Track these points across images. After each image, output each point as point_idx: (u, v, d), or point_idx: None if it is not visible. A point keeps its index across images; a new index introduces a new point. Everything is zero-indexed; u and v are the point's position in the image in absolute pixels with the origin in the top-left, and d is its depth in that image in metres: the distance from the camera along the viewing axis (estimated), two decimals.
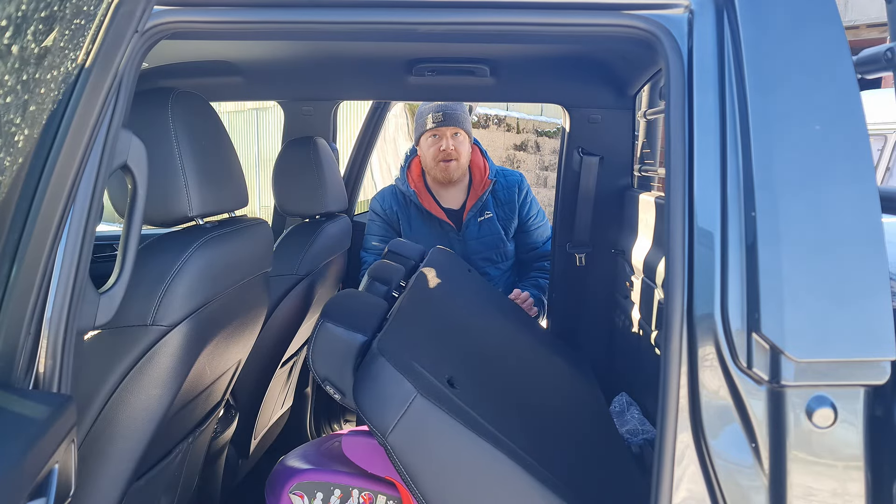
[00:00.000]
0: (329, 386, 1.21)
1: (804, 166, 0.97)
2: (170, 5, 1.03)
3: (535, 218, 2.65)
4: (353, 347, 1.23)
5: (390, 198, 2.64)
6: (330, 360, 1.22)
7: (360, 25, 1.08)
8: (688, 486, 0.98)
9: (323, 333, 1.24)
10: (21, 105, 0.71)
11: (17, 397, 0.85)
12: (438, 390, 1.17)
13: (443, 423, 1.11)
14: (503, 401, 1.38)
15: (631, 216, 2.06)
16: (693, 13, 1.04)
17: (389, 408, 1.11)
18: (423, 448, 1.12)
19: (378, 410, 1.12)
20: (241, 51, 2.01)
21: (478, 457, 1.12)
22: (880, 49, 1.07)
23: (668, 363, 0.98)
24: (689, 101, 1.03)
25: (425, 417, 1.11)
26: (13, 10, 0.63)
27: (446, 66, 2.14)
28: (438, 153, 2.51)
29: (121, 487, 1.18)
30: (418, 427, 1.11)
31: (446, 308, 1.69)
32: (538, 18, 1.05)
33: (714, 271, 0.98)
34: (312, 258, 2.03)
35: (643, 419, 1.80)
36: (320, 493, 1.34)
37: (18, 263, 0.83)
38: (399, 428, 1.10)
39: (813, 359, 0.94)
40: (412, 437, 1.11)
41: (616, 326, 2.21)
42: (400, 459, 1.11)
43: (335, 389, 1.20)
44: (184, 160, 1.25)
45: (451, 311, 1.70)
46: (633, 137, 2.31)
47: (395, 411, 1.11)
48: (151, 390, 1.18)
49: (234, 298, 1.41)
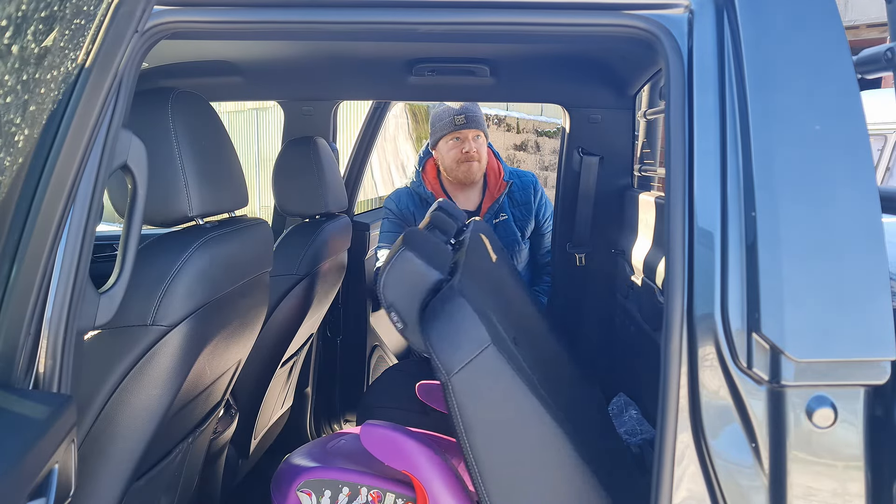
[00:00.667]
0: (394, 313, 1.20)
1: (804, 166, 0.97)
2: (170, 5, 1.03)
3: (550, 220, 2.66)
4: (427, 282, 1.22)
5: (406, 198, 2.63)
6: (402, 288, 1.21)
7: (361, 25, 1.08)
8: (688, 485, 0.98)
9: (401, 261, 1.22)
10: (21, 105, 0.71)
11: (17, 397, 0.85)
12: (507, 345, 1.18)
13: (507, 378, 1.12)
14: (547, 374, 1.39)
15: (631, 216, 2.06)
16: (693, 13, 1.04)
17: (461, 348, 1.11)
18: (483, 397, 1.12)
19: (448, 349, 1.11)
20: (242, 51, 2.01)
21: (530, 419, 1.12)
22: (880, 49, 1.07)
23: (669, 363, 0.98)
24: (689, 101, 1.03)
25: (493, 368, 1.11)
26: (13, 10, 0.63)
27: (446, 66, 2.14)
28: (461, 155, 2.51)
29: (121, 487, 1.18)
30: (484, 375, 1.11)
31: (496, 276, 1.70)
32: (538, 18, 1.06)
33: (714, 271, 0.98)
34: (312, 258, 2.03)
35: (641, 419, 1.80)
36: (328, 490, 1.33)
37: (18, 263, 0.83)
38: (466, 370, 1.10)
39: (813, 359, 0.94)
40: (475, 384, 1.11)
41: (616, 326, 2.21)
42: (457, 401, 1.10)
43: (399, 318, 1.19)
44: (184, 160, 1.25)
45: (500, 280, 1.71)
46: (633, 137, 2.31)
47: (466, 353, 1.10)
48: (151, 390, 1.18)
49: (235, 298, 1.41)
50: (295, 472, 1.37)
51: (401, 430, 1.28)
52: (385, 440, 1.27)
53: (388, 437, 1.27)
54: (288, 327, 2.01)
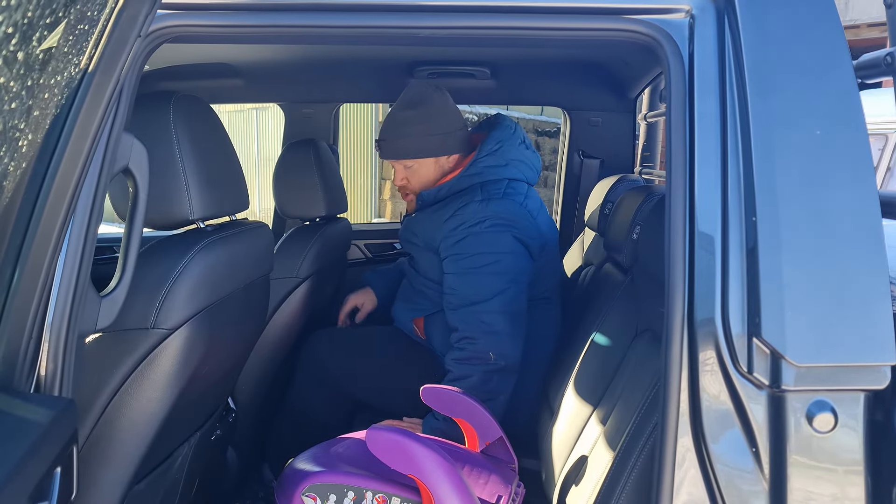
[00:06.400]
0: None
1: (805, 170, 0.97)
2: (172, 9, 1.03)
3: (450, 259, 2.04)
4: None
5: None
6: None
7: (362, 30, 1.08)
8: (688, 490, 0.98)
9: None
10: (25, 110, 0.71)
11: (18, 401, 0.85)
12: None
13: None
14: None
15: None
16: (694, 18, 1.04)
17: None
18: None
19: None
20: (243, 53, 2.02)
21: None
22: (880, 54, 1.07)
23: (669, 367, 0.99)
24: (689, 105, 1.03)
25: None
26: (20, 17, 0.63)
27: (447, 68, 2.14)
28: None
29: (121, 490, 1.19)
30: None
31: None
32: (540, 23, 1.06)
33: (715, 275, 0.98)
34: (313, 261, 2.03)
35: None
36: (333, 494, 1.33)
37: (21, 267, 0.83)
38: None
39: (813, 363, 0.94)
40: None
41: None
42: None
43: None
44: (185, 163, 1.25)
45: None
46: (633, 140, 2.31)
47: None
48: (152, 393, 1.19)
49: (236, 301, 1.41)
50: (300, 477, 1.37)
51: (406, 434, 1.28)
52: (390, 444, 1.27)
53: (393, 440, 1.27)
54: (288, 329, 2.01)
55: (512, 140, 1.96)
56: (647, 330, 1.38)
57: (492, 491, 1.44)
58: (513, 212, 1.84)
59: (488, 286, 1.75)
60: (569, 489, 1.37)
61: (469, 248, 1.78)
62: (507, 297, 1.76)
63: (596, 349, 1.58)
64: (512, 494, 1.46)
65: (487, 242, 1.78)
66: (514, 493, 1.48)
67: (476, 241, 1.78)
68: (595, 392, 1.46)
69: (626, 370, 1.39)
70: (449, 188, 1.91)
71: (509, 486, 1.47)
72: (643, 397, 1.19)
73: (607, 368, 1.46)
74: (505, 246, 1.79)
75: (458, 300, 1.78)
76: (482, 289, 1.75)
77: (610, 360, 1.47)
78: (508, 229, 1.80)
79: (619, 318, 1.57)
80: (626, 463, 1.15)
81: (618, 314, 1.58)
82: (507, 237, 1.79)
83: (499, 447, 1.61)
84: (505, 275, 1.76)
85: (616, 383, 1.39)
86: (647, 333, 1.37)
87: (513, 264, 1.79)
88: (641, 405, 1.19)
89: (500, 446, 1.61)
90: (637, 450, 1.14)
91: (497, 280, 1.75)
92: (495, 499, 1.42)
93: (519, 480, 1.55)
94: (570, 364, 1.67)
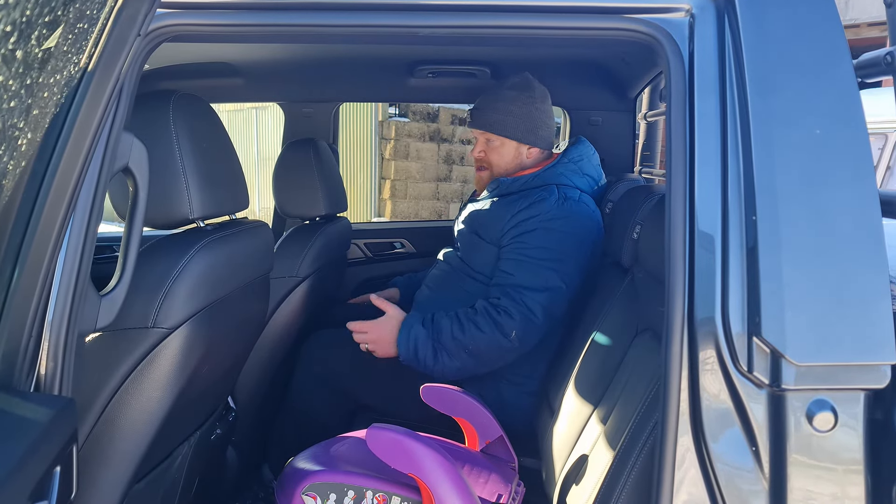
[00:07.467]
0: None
1: (805, 170, 0.97)
2: (172, 8, 1.03)
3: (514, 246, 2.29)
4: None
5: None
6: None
7: (362, 29, 1.08)
8: (688, 489, 0.98)
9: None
10: (24, 109, 0.71)
11: (18, 399, 0.85)
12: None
13: None
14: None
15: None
16: (694, 17, 1.04)
17: None
18: None
19: None
20: (243, 53, 2.02)
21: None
22: (880, 53, 1.07)
23: (669, 366, 0.99)
24: (690, 104, 1.03)
25: None
26: (18, 15, 0.63)
27: (448, 68, 2.14)
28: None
29: (121, 489, 1.19)
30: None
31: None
32: (540, 22, 1.06)
33: (715, 275, 0.98)
34: (313, 260, 2.03)
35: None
36: (333, 493, 1.33)
37: (20, 266, 0.83)
38: None
39: (813, 363, 0.94)
40: None
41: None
42: None
43: None
44: (185, 163, 1.25)
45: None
46: (633, 139, 2.31)
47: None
48: (152, 392, 1.19)
49: (235, 301, 1.41)
50: (300, 476, 1.37)
51: (406, 433, 1.28)
52: (390, 443, 1.27)
53: (393, 439, 1.27)
54: (288, 329, 2.01)
55: (592, 158, 2.06)
56: (647, 329, 1.38)
57: (492, 490, 1.44)
58: (588, 218, 1.90)
59: (544, 279, 1.79)
60: (569, 488, 1.37)
61: (537, 241, 1.82)
62: (556, 296, 1.80)
63: (596, 348, 1.58)
64: (512, 493, 1.46)
65: (557, 241, 1.82)
66: (514, 491, 1.48)
67: (546, 236, 1.82)
68: (595, 391, 1.46)
69: (626, 369, 1.39)
70: (526, 182, 1.96)
71: (509, 485, 1.47)
72: (643, 396, 1.19)
73: (607, 367, 1.46)
74: (571, 249, 1.83)
75: (509, 281, 1.82)
76: (538, 279, 1.79)
77: (610, 359, 1.47)
78: (578, 234, 1.85)
79: (619, 317, 1.57)
80: (627, 462, 1.15)
81: (618, 313, 1.58)
82: (576, 242, 1.84)
83: (499, 446, 1.61)
84: (563, 275, 1.80)
85: (616, 382, 1.39)
86: (647, 333, 1.37)
87: (572, 269, 1.83)
88: (641, 404, 1.19)
89: (500, 445, 1.61)
90: (637, 449, 1.13)
91: (554, 277, 1.79)
92: (495, 498, 1.42)
93: (519, 479, 1.55)
94: (570, 363, 1.67)
